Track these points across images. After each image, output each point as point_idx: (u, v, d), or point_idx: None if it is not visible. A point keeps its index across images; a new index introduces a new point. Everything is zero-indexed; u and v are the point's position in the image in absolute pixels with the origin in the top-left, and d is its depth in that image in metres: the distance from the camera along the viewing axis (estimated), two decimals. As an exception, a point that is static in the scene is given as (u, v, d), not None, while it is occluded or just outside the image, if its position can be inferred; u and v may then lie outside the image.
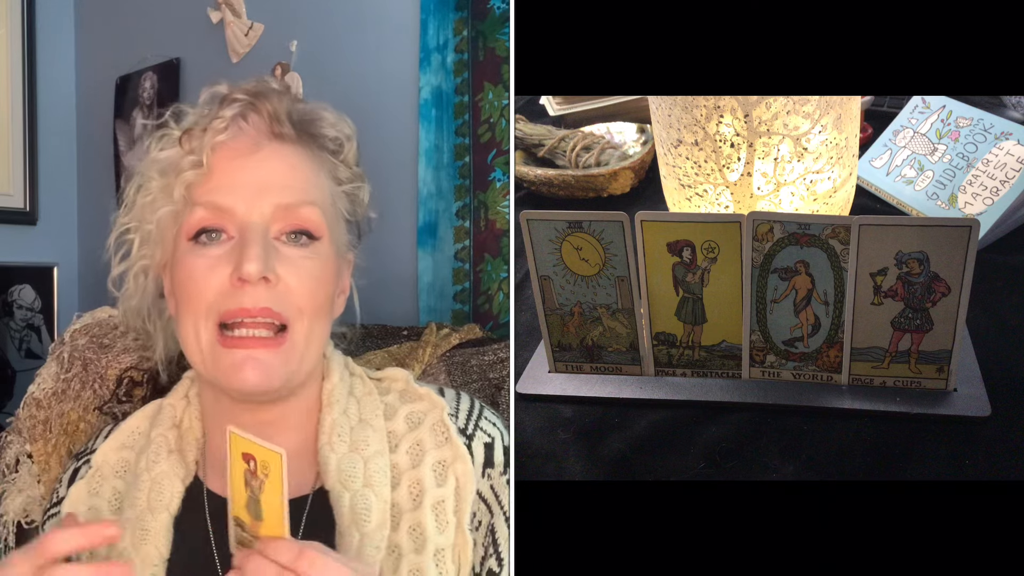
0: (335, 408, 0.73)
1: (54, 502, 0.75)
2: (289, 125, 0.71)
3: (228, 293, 0.66)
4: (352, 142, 0.77)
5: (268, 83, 0.74)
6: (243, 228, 0.67)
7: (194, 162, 0.69)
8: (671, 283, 0.91)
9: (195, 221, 0.68)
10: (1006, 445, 0.81)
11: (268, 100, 0.71)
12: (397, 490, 0.71)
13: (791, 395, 0.90)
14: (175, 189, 0.69)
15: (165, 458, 0.72)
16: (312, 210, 0.70)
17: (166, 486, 0.71)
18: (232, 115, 0.70)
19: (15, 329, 1.82)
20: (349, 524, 0.68)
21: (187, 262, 0.68)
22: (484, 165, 1.18)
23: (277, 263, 0.67)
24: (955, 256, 0.82)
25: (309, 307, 0.69)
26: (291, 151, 0.71)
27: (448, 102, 1.21)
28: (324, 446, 0.71)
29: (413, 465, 0.72)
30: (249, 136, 0.70)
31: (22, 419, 0.88)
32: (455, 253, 1.21)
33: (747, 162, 0.94)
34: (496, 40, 1.16)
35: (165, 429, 0.74)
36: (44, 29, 1.85)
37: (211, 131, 0.69)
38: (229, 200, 0.68)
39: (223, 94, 0.72)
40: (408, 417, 0.74)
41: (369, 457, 0.71)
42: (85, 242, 1.91)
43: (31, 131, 1.83)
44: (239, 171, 0.69)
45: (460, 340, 0.99)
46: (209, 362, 0.68)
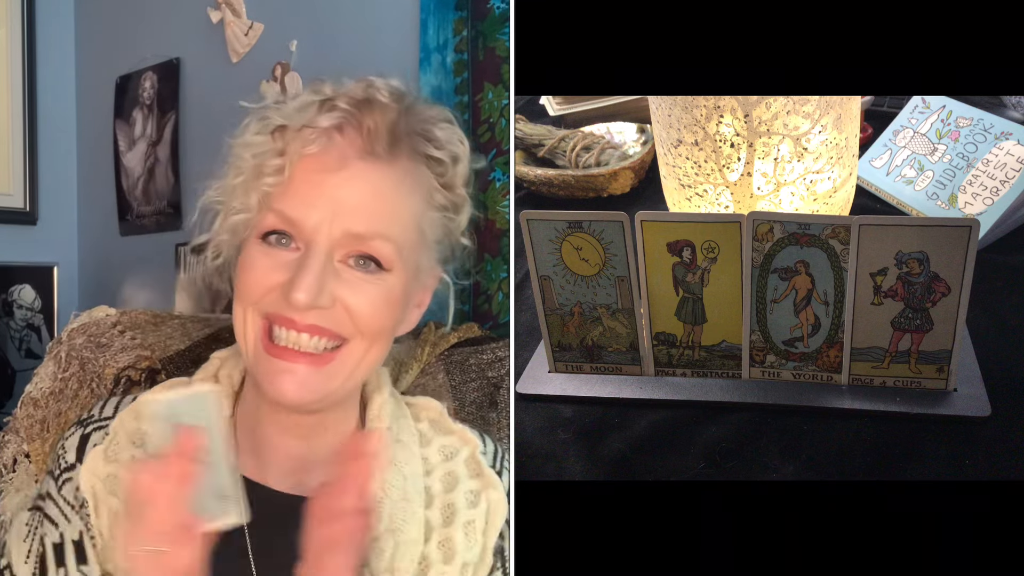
0: (384, 423, 0.73)
1: (64, 467, 0.73)
2: (387, 142, 0.66)
3: (278, 302, 0.65)
4: (459, 164, 0.71)
5: (378, 90, 0.68)
6: (308, 246, 0.65)
7: (278, 167, 0.65)
8: (671, 283, 0.91)
9: (265, 225, 0.66)
10: (1006, 445, 0.81)
11: (370, 115, 0.66)
12: (429, 509, 0.72)
13: (791, 395, 0.90)
14: (251, 194, 0.66)
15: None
16: (384, 244, 0.66)
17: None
18: (328, 126, 0.66)
19: (15, 329, 1.82)
20: (385, 531, 0.68)
21: (252, 255, 0.66)
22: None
23: (337, 286, 0.65)
24: (955, 256, 0.82)
25: (369, 329, 0.67)
26: (380, 174, 0.66)
27: (448, 102, 1.21)
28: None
29: (446, 491, 0.73)
30: (339, 150, 0.65)
31: (19, 418, 0.88)
32: (455, 253, 1.20)
33: (747, 162, 0.94)
34: (496, 40, 1.16)
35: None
36: (44, 29, 1.85)
37: (300, 140, 0.65)
38: (300, 214, 0.65)
39: (325, 96, 0.67)
40: (442, 449, 0.76)
41: (407, 475, 0.72)
42: (85, 242, 1.91)
43: (31, 131, 1.83)
44: (319, 187, 0.65)
45: (458, 339, 0.99)
46: (251, 359, 0.67)
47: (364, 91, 0.68)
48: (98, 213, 1.86)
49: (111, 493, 0.70)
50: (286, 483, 0.72)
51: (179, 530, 0.60)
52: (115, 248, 1.84)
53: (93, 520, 0.69)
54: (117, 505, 0.69)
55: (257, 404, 0.72)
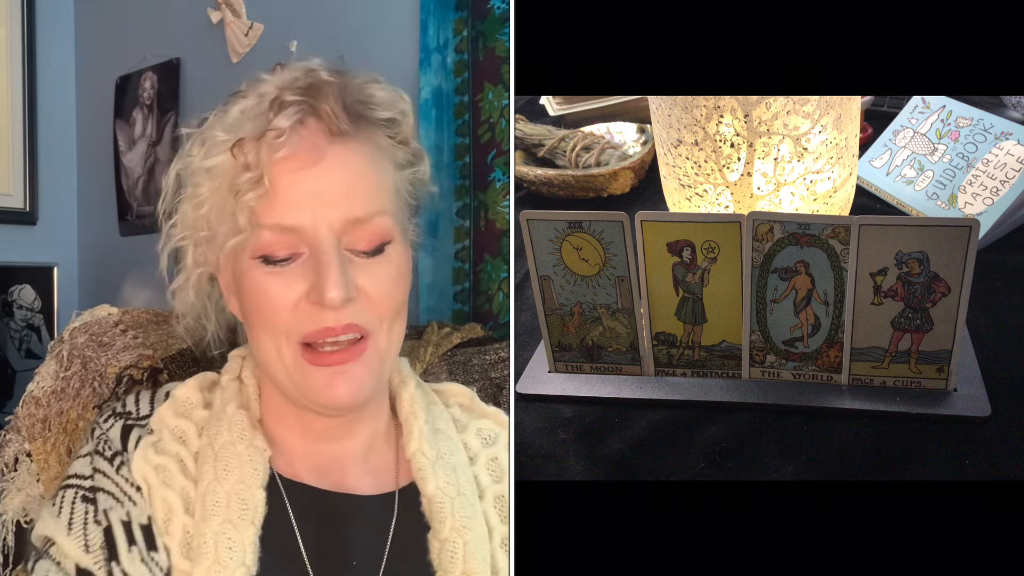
0: (420, 416, 0.72)
1: (112, 453, 0.69)
2: (347, 119, 0.65)
3: (309, 313, 0.63)
4: (408, 118, 0.71)
5: (317, 71, 0.67)
6: (315, 246, 0.63)
7: (253, 180, 0.63)
8: (671, 283, 0.91)
9: (262, 245, 0.64)
10: (1006, 445, 0.81)
11: (323, 97, 0.65)
12: (483, 502, 0.71)
13: (791, 395, 0.90)
14: (238, 215, 0.64)
15: (252, 434, 0.68)
16: (384, 219, 0.66)
17: (259, 461, 0.67)
18: (290, 124, 0.64)
19: (15, 329, 1.82)
20: (452, 531, 0.67)
21: (257, 279, 0.64)
22: (484, 165, 1.18)
23: (356, 275, 0.64)
24: (955, 256, 0.82)
25: (389, 311, 0.66)
26: (353, 151, 0.65)
27: (448, 102, 1.21)
28: (417, 452, 0.70)
29: (495, 481, 0.72)
30: (309, 142, 0.64)
31: (21, 417, 0.88)
32: (455, 253, 1.21)
33: (747, 162, 0.94)
34: (496, 40, 1.16)
35: (238, 406, 0.70)
36: (44, 29, 1.85)
37: (268, 145, 0.63)
38: (297, 219, 0.63)
39: (272, 96, 0.65)
40: (479, 433, 0.75)
41: (456, 466, 0.71)
42: (85, 242, 1.91)
43: (31, 131, 1.83)
44: (303, 183, 0.63)
45: (461, 339, 0.99)
46: (297, 379, 0.65)
47: (307, 75, 0.67)
48: (98, 213, 1.86)
49: (165, 484, 0.67)
50: (325, 483, 0.70)
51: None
52: (115, 248, 1.84)
53: (151, 509, 0.67)
54: (173, 500, 0.67)
55: (285, 417, 0.71)
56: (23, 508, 0.85)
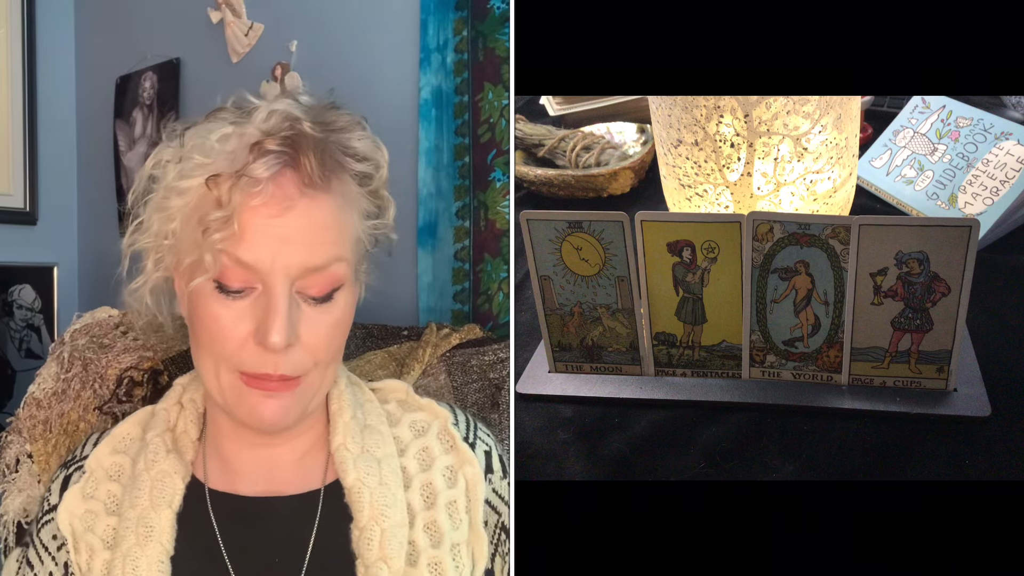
0: (346, 412, 0.74)
1: (46, 509, 0.75)
2: (320, 173, 0.66)
3: (252, 351, 0.65)
4: (381, 170, 0.72)
5: (299, 121, 0.67)
6: (268, 287, 0.65)
7: (223, 221, 0.64)
8: (671, 283, 0.91)
9: (219, 272, 0.65)
10: (1006, 445, 0.81)
11: (303, 151, 0.65)
12: (409, 491, 0.73)
13: (791, 395, 0.90)
14: (205, 255, 0.65)
15: (164, 457, 0.73)
16: (340, 266, 0.67)
17: (167, 484, 0.71)
18: (268, 175, 0.64)
19: (15, 329, 1.82)
20: (370, 519, 0.69)
21: (211, 307, 0.66)
22: (484, 165, 1.18)
23: (299, 322, 0.66)
24: (955, 256, 0.82)
25: (325, 357, 0.69)
26: (321, 203, 0.66)
27: (448, 102, 1.21)
28: (340, 447, 0.72)
29: (422, 470, 0.74)
30: (282, 191, 0.65)
31: (22, 419, 0.88)
32: (455, 253, 1.21)
33: (747, 162, 0.94)
34: (496, 40, 1.16)
35: (161, 432, 0.75)
36: (44, 29, 1.85)
37: (242, 190, 0.64)
38: (255, 258, 0.64)
39: (254, 139, 0.66)
40: (412, 425, 0.77)
41: (381, 458, 0.73)
42: (85, 242, 1.91)
43: (31, 131, 1.83)
44: (267, 229, 0.65)
45: (460, 340, 0.99)
46: (230, 399, 0.68)
47: (290, 127, 0.67)
48: (98, 213, 1.86)
49: (88, 530, 0.71)
50: (256, 488, 0.73)
51: None
52: (115, 248, 1.83)
53: (72, 557, 0.71)
54: (95, 541, 0.70)
55: (222, 427, 0.74)
56: (24, 509, 0.85)
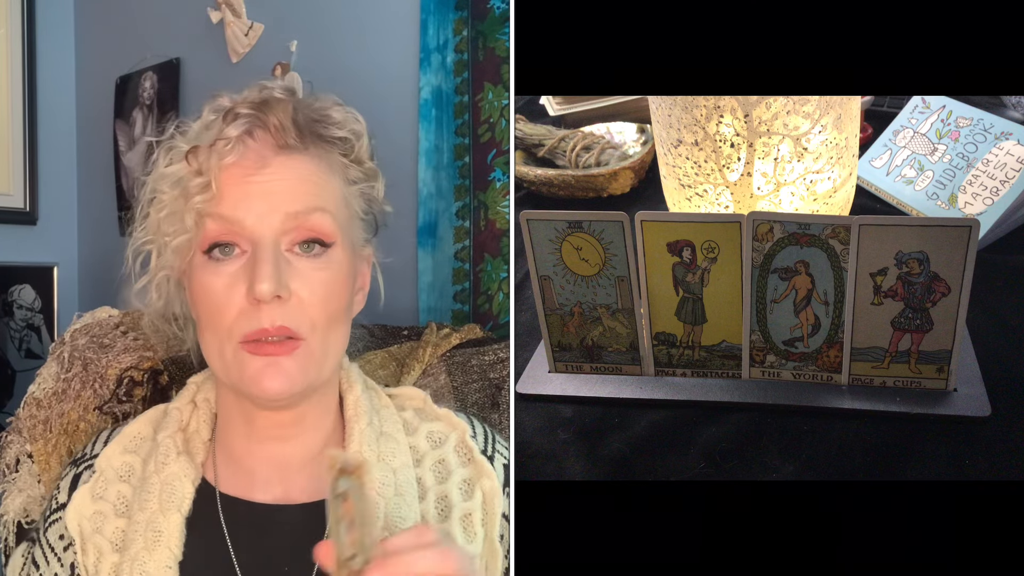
0: (362, 419, 0.73)
1: (54, 508, 0.74)
2: (295, 134, 0.70)
3: (247, 313, 0.66)
4: (362, 139, 0.75)
5: (271, 90, 0.72)
6: (255, 243, 0.67)
7: (203, 184, 0.68)
8: (671, 283, 0.91)
9: (207, 235, 0.68)
10: (1006, 445, 0.81)
11: (273, 112, 0.69)
12: (424, 503, 0.72)
13: (791, 395, 0.90)
14: (186, 216, 0.68)
15: (174, 460, 0.72)
16: (322, 216, 0.69)
17: (177, 487, 0.71)
18: (238, 134, 0.68)
19: (15, 329, 1.82)
20: (384, 530, 0.68)
21: (204, 279, 0.68)
22: (484, 165, 1.18)
23: (290, 278, 0.67)
24: (955, 256, 0.82)
25: (322, 319, 0.68)
26: (299, 161, 0.70)
27: (448, 102, 1.21)
28: (355, 454, 0.71)
29: (438, 482, 0.73)
30: (256, 152, 0.69)
31: (22, 419, 0.88)
32: (455, 253, 1.21)
33: (747, 162, 0.94)
34: (496, 40, 1.16)
35: (172, 432, 0.74)
36: (44, 29, 1.85)
37: (217, 153, 0.68)
38: (238, 214, 0.67)
39: (226, 108, 0.70)
40: (429, 436, 0.76)
41: (396, 468, 0.72)
42: (85, 242, 1.91)
43: (31, 131, 1.83)
44: (247, 186, 0.68)
45: (460, 340, 0.99)
46: (234, 371, 0.68)
47: (259, 93, 0.71)
48: (98, 213, 1.86)
49: (97, 531, 0.71)
50: (268, 494, 0.72)
51: None
52: (115, 248, 1.83)
53: (80, 558, 0.71)
54: (103, 543, 0.70)
55: (233, 418, 0.73)
56: (24, 509, 0.85)
